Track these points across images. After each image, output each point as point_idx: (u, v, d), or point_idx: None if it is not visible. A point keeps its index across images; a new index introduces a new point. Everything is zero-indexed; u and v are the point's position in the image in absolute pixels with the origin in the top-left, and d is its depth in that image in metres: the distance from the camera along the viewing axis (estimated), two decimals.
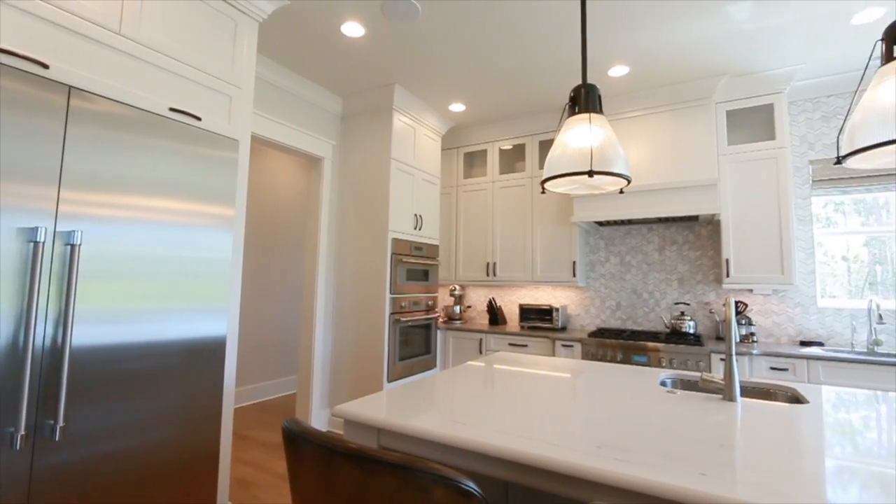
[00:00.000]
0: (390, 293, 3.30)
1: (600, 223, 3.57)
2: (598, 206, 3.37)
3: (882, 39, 1.12)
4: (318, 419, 3.39)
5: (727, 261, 3.09)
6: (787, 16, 2.43)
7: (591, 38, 2.68)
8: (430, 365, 3.77)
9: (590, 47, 2.78)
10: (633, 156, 3.33)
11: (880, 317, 2.75)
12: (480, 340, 3.74)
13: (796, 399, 1.58)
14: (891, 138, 0.99)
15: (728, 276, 3.08)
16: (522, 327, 3.75)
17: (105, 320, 1.56)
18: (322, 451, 0.77)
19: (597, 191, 1.57)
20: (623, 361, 3.08)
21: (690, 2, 2.32)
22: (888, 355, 2.67)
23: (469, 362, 2.06)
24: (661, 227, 3.62)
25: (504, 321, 4.13)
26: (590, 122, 1.42)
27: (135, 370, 1.64)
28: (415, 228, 3.61)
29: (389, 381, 3.27)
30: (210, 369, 1.89)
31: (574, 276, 3.62)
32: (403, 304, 3.43)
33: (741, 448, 1.03)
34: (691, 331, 3.22)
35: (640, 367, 1.98)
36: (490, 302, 4.08)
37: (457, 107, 3.72)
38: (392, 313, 3.31)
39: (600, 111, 1.50)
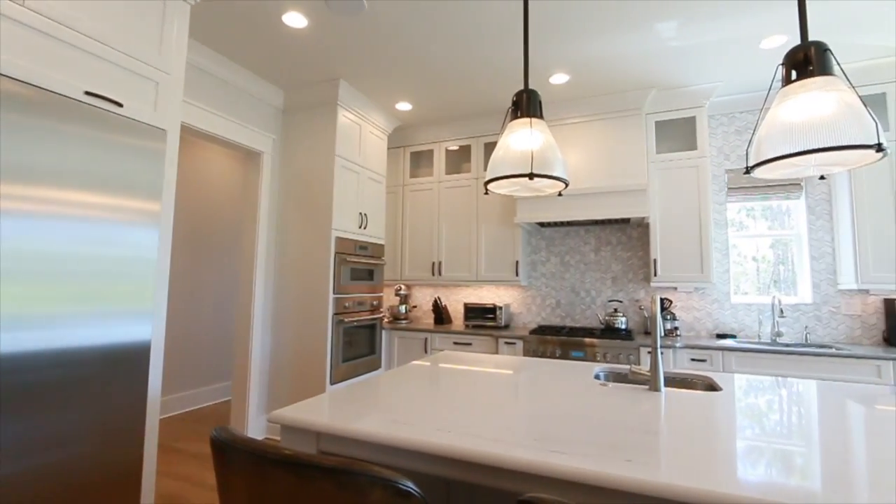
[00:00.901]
0: (334, 293, 3.22)
1: (542, 224, 3.70)
2: (540, 208, 3.50)
3: (782, 64, 1.26)
4: (256, 426, 3.24)
5: (655, 261, 3.32)
6: (706, 37, 2.66)
7: (534, 46, 2.77)
8: (375, 365, 3.73)
9: (532, 54, 2.88)
10: (572, 160, 3.49)
11: (781, 311, 3.08)
12: (426, 340, 3.75)
13: (712, 387, 1.73)
14: (789, 152, 1.11)
15: (656, 275, 3.31)
16: (467, 326, 3.81)
17: (11, 326, 1.40)
18: (252, 460, 0.74)
19: (537, 193, 1.63)
20: (562, 357, 3.22)
21: (624, 17, 2.47)
22: (788, 345, 3.00)
23: (413, 362, 2.06)
24: (597, 228, 3.82)
25: (449, 320, 4.17)
26: (531, 126, 1.47)
27: (47, 380, 1.48)
28: (360, 227, 3.55)
29: (332, 383, 3.19)
30: (132, 377, 1.75)
31: (517, 275, 3.73)
32: (347, 305, 3.37)
33: (664, 434, 1.12)
34: (623, 326, 3.43)
35: (577, 363, 2.08)
36: (435, 301, 4.10)
37: (403, 105, 3.71)
38: (335, 314, 3.24)
39: (541, 116, 1.56)
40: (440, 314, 4.08)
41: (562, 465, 0.91)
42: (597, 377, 1.83)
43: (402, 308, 4.19)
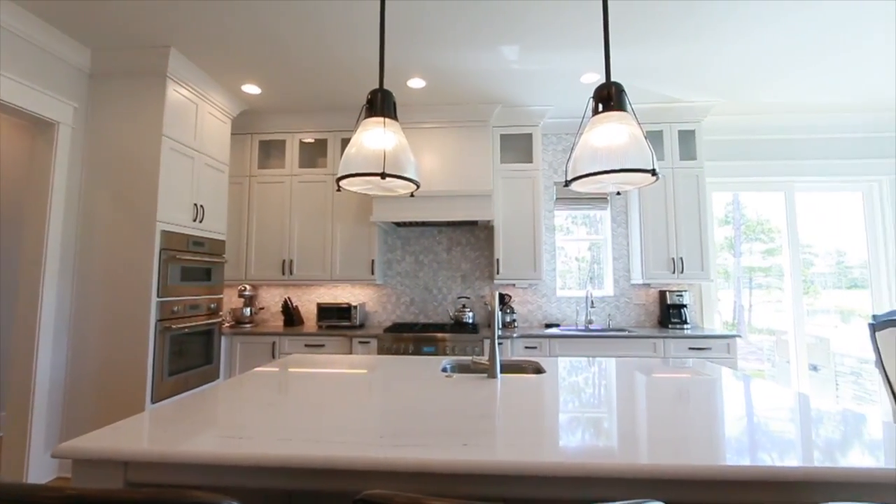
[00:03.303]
0: (158, 296, 2.77)
1: (398, 224, 3.77)
2: (396, 208, 3.56)
3: (592, 97, 1.51)
4: (41, 467, 2.59)
5: (498, 260, 3.67)
6: (541, 65, 3.04)
7: (392, 47, 2.81)
8: (212, 376, 3.32)
9: (391, 56, 2.91)
10: (428, 164, 3.63)
11: (592, 303, 3.72)
12: (274, 344, 3.49)
13: (539, 370, 1.99)
14: (594, 170, 1.34)
15: (498, 273, 3.66)
16: (320, 327, 3.67)
17: None
18: None
19: (390, 193, 1.65)
20: (415, 353, 3.33)
21: (475, 34, 2.67)
22: (596, 330, 3.62)
23: (257, 369, 1.90)
24: (449, 229, 4.05)
25: (301, 322, 3.96)
26: (384, 126, 1.49)
27: None
28: (194, 220, 3.12)
29: (155, 401, 2.74)
30: None
31: (373, 274, 3.73)
32: (176, 309, 2.93)
33: (500, 417, 1.24)
34: (470, 321, 3.71)
35: (428, 357, 2.18)
36: (286, 302, 3.84)
37: (251, 88, 3.38)
38: (160, 320, 2.79)
39: (395, 117, 1.59)
40: (291, 316, 3.84)
41: (403, 458, 0.94)
42: (444, 370, 1.95)
43: (247, 311, 3.82)
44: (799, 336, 3.94)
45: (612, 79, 3.23)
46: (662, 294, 3.77)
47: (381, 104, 1.56)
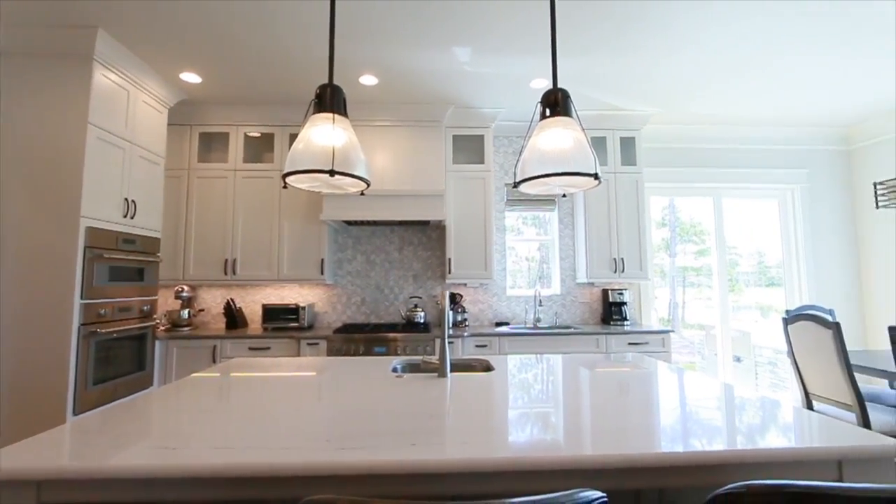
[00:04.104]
0: (82, 298, 2.54)
1: (349, 222, 3.70)
2: (347, 207, 3.48)
3: (540, 102, 1.56)
4: None
5: (449, 260, 3.69)
6: (493, 68, 3.09)
7: (344, 43, 2.75)
8: (145, 383, 3.10)
9: (342, 52, 2.85)
10: (380, 162, 3.59)
11: (540, 301, 3.83)
12: (214, 347, 3.30)
13: (489, 368, 2.02)
14: (541, 173, 1.38)
15: (450, 272, 3.69)
16: (266, 329, 3.52)
17: None
18: None
19: (339, 191, 1.62)
20: (366, 353, 3.28)
21: (427, 34, 2.67)
22: (544, 328, 3.73)
23: (194, 374, 1.79)
24: (401, 229, 4.03)
25: (245, 324, 3.78)
26: (333, 122, 1.45)
27: None
28: (125, 216, 2.89)
29: (78, 412, 2.52)
30: None
31: (322, 273, 3.63)
32: (103, 312, 2.70)
33: (449, 415, 1.25)
34: (422, 320, 3.71)
35: (378, 358, 2.15)
36: (228, 303, 3.65)
37: (191, 77, 3.19)
38: (84, 324, 2.56)
39: (345, 114, 1.55)
40: (234, 318, 3.65)
41: (350, 462, 0.92)
42: (394, 370, 1.93)
43: (185, 313, 3.59)
44: (725, 330, 4.28)
45: (559, 85, 3.34)
46: (605, 292, 3.96)
47: (330, 100, 1.52)
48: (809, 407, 2.71)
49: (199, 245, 3.63)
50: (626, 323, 3.82)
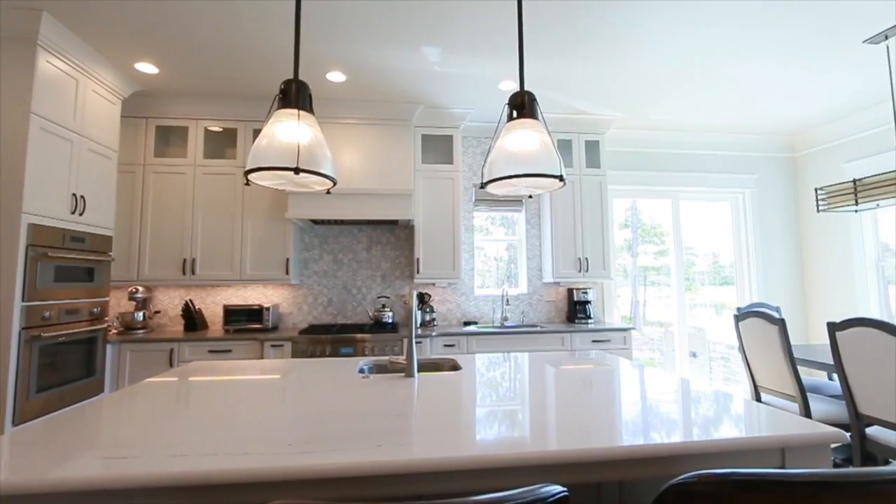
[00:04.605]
0: (24, 300, 2.38)
1: (315, 221, 3.62)
2: (313, 205, 3.41)
3: (507, 104, 1.58)
4: None
5: (418, 259, 3.69)
6: (462, 69, 3.11)
7: (311, 38, 2.69)
8: (95, 390, 2.93)
9: (310, 47, 2.79)
10: (347, 160, 3.54)
11: (507, 301, 3.88)
12: (172, 351, 3.16)
13: (456, 367, 2.03)
14: (508, 174, 1.40)
15: (418, 272, 3.68)
16: (227, 331, 3.40)
17: None
18: None
19: (304, 189, 1.58)
20: (332, 355, 3.23)
21: (397, 32, 2.65)
22: (511, 327, 3.78)
23: (149, 379, 1.71)
24: (369, 228, 3.99)
25: (205, 326, 3.64)
26: (298, 118, 1.42)
27: None
28: (73, 213, 2.73)
29: (18, 423, 2.35)
30: None
31: (287, 273, 3.54)
32: (48, 315, 2.54)
33: (416, 415, 1.25)
34: (390, 320, 3.68)
35: (345, 359, 2.12)
36: (187, 305, 3.51)
37: (147, 67, 3.04)
38: (26, 328, 2.39)
39: (311, 110, 1.52)
40: (193, 320, 3.51)
41: (313, 465, 0.90)
42: (361, 371, 1.91)
43: (139, 315, 3.42)
44: (682, 327, 4.47)
45: (526, 88, 3.40)
46: (570, 291, 4.06)
47: (295, 95, 1.48)
48: (758, 398, 2.87)
49: (155, 244, 3.47)
50: (590, 321, 3.93)
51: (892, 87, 2.89)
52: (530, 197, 1.67)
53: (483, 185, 1.57)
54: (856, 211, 2.94)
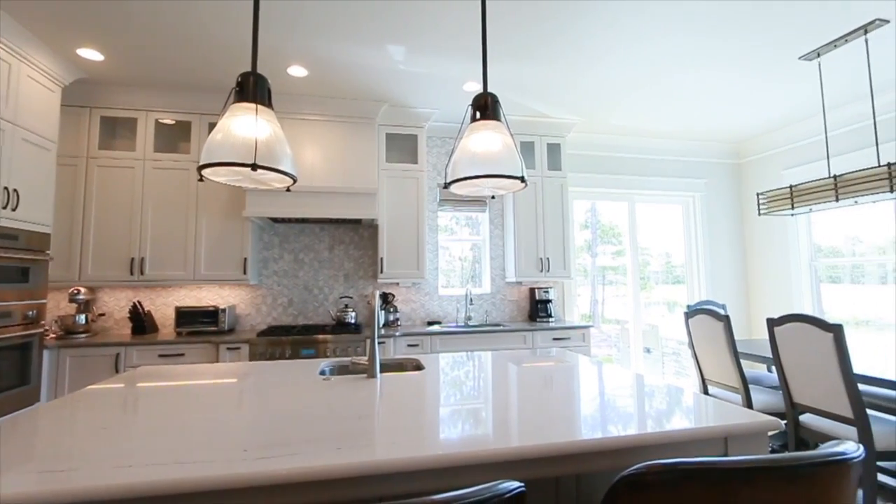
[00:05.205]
0: None
1: (275, 219, 3.52)
2: (273, 203, 3.31)
3: (471, 105, 1.59)
4: None
5: (382, 259, 3.66)
6: (427, 69, 3.11)
7: (271, 30, 2.61)
8: (30, 399, 2.72)
9: (270, 40, 2.70)
10: (309, 157, 3.46)
11: (471, 300, 3.91)
12: (118, 356, 2.98)
13: (420, 367, 2.03)
14: (471, 174, 1.42)
15: (382, 272, 3.65)
16: (179, 334, 3.24)
17: None
18: None
19: (262, 186, 1.53)
20: (292, 357, 3.15)
21: (361, 29, 2.62)
22: (475, 326, 3.82)
23: (90, 387, 1.60)
24: (332, 227, 3.91)
25: (155, 329, 3.46)
26: (256, 113, 1.37)
27: None
28: (4, 207, 2.52)
29: None
30: None
31: (245, 273, 3.42)
32: None
33: (378, 416, 1.23)
34: (353, 321, 3.63)
35: (305, 361, 2.07)
36: (135, 306, 3.32)
37: (90, 53, 2.85)
38: None
39: (270, 105, 1.47)
40: (141, 322, 3.32)
41: (269, 471, 0.88)
42: (322, 373, 1.87)
43: (81, 318, 3.21)
44: (637, 325, 4.66)
45: (490, 90, 3.44)
46: (532, 291, 4.14)
47: (253, 89, 1.43)
48: (705, 391, 3.03)
49: (99, 242, 3.26)
50: (551, 319, 4.03)
51: (822, 101, 3.13)
52: (493, 197, 1.69)
53: (447, 185, 1.57)
54: (792, 215, 3.16)
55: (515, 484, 0.59)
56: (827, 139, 3.67)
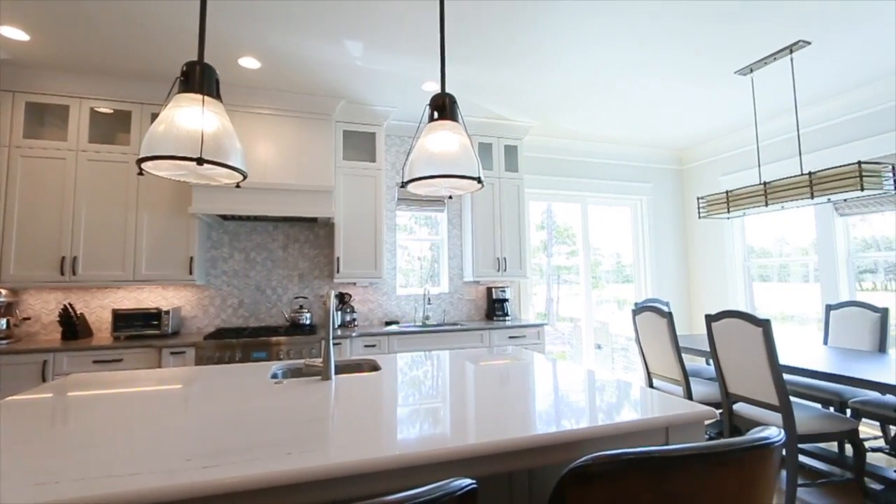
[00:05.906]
0: None
1: (225, 217, 3.36)
2: (222, 199, 3.17)
3: (429, 105, 1.59)
4: None
5: (338, 258, 3.58)
6: (385, 66, 3.08)
7: (221, 18, 2.49)
8: None
9: (220, 30, 2.58)
10: (261, 152, 3.33)
11: (429, 300, 3.92)
12: (45, 363, 2.75)
13: (376, 367, 2.01)
14: (428, 174, 1.42)
15: (338, 271, 3.58)
16: (117, 338, 3.03)
17: None
18: None
19: (209, 181, 1.46)
20: (243, 360, 3.02)
21: (318, 22, 2.55)
22: (432, 326, 3.82)
23: (11, 397, 1.46)
24: (286, 225, 3.79)
25: (89, 333, 3.21)
26: (203, 104, 1.31)
27: None
28: None
29: None
30: None
31: (191, 273, 3.25)
32: None
33: (333, 419, 1.21)
34: (308, 322, 3.53)
35: (256, 364, 1.99)
36: (65, 309, 3.06)
37: (13, 32, 2.60)
38: None
39: (218, 97, 1.41)
40: (73, 327, 3.07)
41: (211, 480, 0.83)
42: (274, 376, 1.81)
43: (3, 322, 2.93)
44: (589, 322, 4.84)
45: (449, 91, 3.46)
46: (489, 290, 4.20)
47: (199, 79, 1.36)
48: (651, 384, 3.20)
49: (24, 239, 2.99)
50: (507, 318, 4.10)
51: (755, 114, 3.39)
52: (450, 197, 1.70)
53: (404, 185, 1.57)
54: (728, 218, 3.39)
55: (467, 481, 0.60)
56: (758, 149, 3.97)
